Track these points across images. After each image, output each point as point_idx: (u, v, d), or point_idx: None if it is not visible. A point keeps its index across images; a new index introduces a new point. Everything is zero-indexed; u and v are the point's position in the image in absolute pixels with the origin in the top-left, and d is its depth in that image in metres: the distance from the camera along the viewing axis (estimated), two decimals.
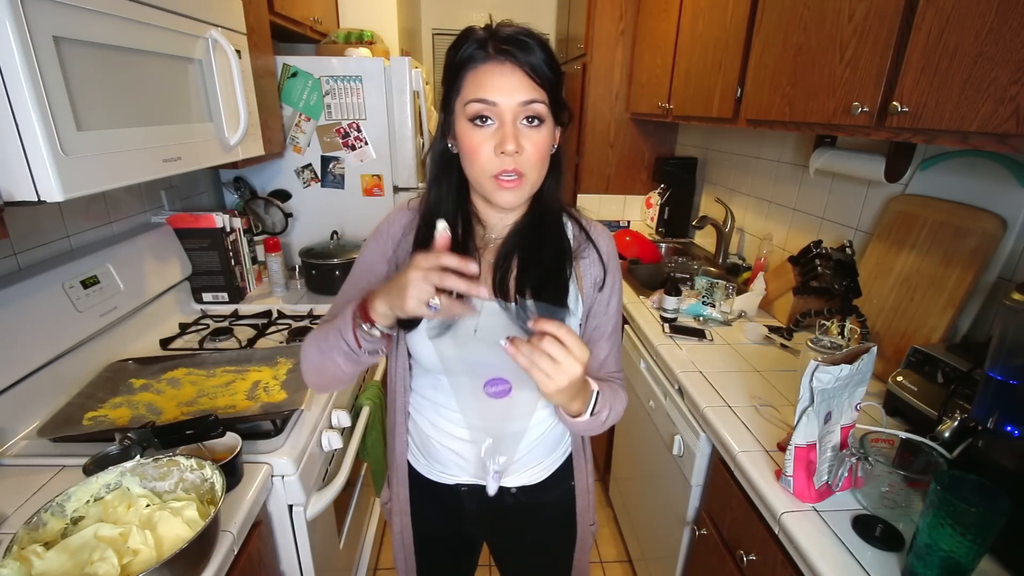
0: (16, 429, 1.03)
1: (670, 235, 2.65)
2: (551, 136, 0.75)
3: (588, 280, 0.84)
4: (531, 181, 0.75)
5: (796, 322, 1.50)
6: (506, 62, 0.70)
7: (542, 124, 0.73)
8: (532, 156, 0.73)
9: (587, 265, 0.84)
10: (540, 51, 0.71)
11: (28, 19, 0.71)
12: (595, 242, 0.86)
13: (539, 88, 0.71)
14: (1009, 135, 0.79)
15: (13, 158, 0.74)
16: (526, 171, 0.73)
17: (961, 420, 0.89)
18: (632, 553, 1.85)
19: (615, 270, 0.87)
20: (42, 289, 1.11)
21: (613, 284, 0.87)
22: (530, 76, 0.70)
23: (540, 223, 0.82)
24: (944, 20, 0.89)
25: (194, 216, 1.65)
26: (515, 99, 0.70)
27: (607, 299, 0.86)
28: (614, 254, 0.88)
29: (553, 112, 0.74)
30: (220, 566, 0.78)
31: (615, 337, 0.90)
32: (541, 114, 0.72)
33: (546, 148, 0.75)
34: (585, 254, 0.85)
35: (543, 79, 0.71)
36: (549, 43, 0.74)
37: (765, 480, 0.95)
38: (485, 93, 0.70)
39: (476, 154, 0.72)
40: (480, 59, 0.71)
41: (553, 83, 0.72)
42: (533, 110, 0.71)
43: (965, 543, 0.68)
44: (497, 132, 0.71)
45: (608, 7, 2.60)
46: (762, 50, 1.44)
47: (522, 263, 0.80)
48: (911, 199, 1.34)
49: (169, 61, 1.06)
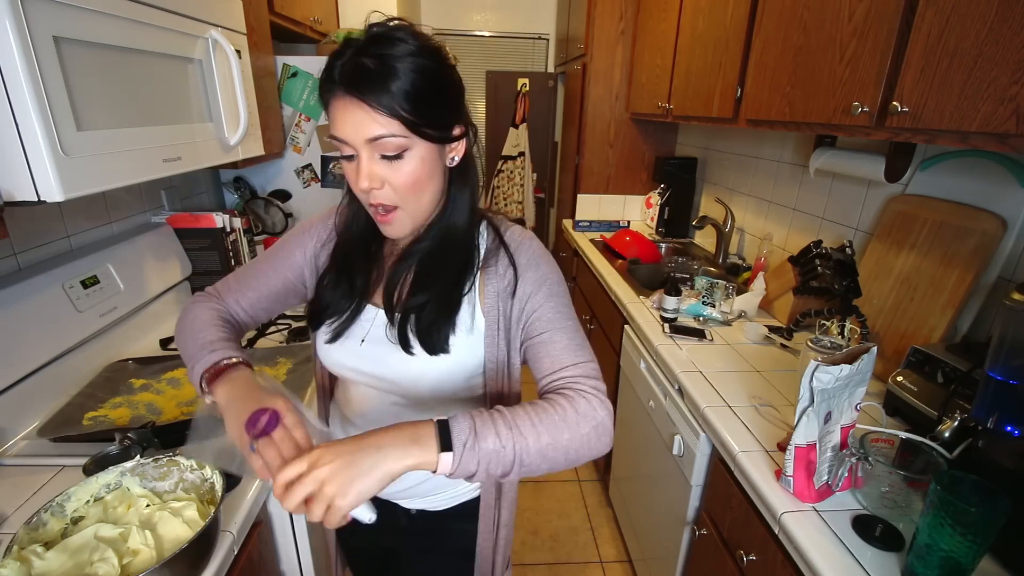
0: (16, 429, 1.03)
1: (670, 235, 2.65)
2: (424, 161, 0.69)
3: (491, 289, 0.77)
4: (408, 211, 0.72)
5: (796, 322, 1.50)
6: (349, 97, 0.64)
7: (404, 154, 0.67)
8: (399, 188, 0.69)
9: (492, 275, 0.77)
10: (401, 78, 0.63)
11: (28, 19, 0.71)
12: (508, 248, 0.79)
13: (391, 120, 0.64)
14: (1009, 135, 0.79)
15: (13, 158, 0.74)
16: (396, 203, 0.70)
17: (961, 420, 0.89)
18: (632, 553, 1.85)
19: (538, 265, 0.78)
20: (42, 289, 1.11)
21: (537, 279, 0.77)
22: (377, 111, 0.64)
23: (443, 236, 0.78)
24: (944, 20, 0.89)
25: (194, 216, 1.65)
26: (360, 136, 0.65)
27: (526, 297, 0.76)
28: (536, 253, 0.79)
29: (426, 135, 0.67)
30: (220, 566, 0.78)
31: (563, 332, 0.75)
32: (395, 147, 0.66)
33: (417, 176, 0.69)
34: (493, 263, 0.78)
35: (394, 113, 0.64)
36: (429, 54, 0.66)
37: (765, 480, 0.95)
38: (336, 130, 0.67)
39: (351, 186, 0.71)
40: (332, 90, 0.66)
41: (414, 111, 0.64)
42: (383, 145, 0.66)
43: (965, 543, 0.68)
44: (357, 166, 0.68)
45: (608, 7, 2.60)
46: (762, 50, 1.44)
47: (416, 276, 0.78)
48: (911, 199, 1.34)
49: (169, 61, 1.06)
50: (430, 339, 0.74)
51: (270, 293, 0.87)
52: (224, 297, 0.87)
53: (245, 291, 0.87)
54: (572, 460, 0.65)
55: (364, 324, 0.80)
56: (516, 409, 0.64)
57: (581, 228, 2.81)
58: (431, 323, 0.74)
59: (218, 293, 0.88)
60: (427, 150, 0.69)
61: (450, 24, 3.89)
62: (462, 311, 0.77)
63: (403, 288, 0.78)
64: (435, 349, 0.74)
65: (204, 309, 0.83)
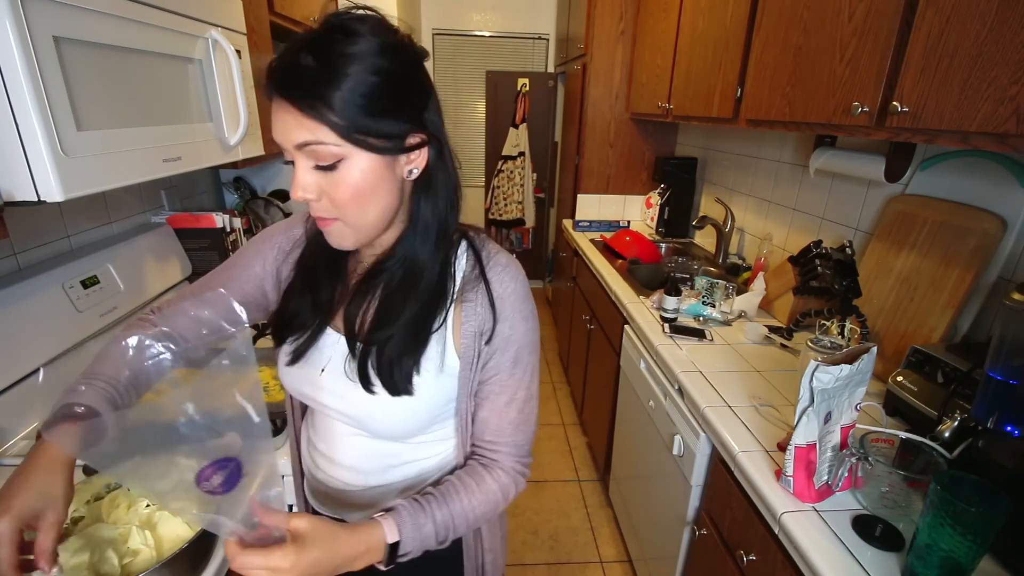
0: (16, 429, 1.03)
1: (670, 235, 2.65)
2: (366, 172, 0.61)
3: (468, 328, 0.70)
4: (350, 224, 0.64)
5: (796, 322, 1.50)
6: (281, 98, 0.59)
7: (339, 163, 0.59)
8: (336, 200, 0.61)
9: (471, 310, 0.70)
10: (329, 79, 0.56)
11: (28, 19, 0.71)
12: (488, 281, 0.70)
13: (318, 125, 0.57)
14: (1009, 135, 0.79)
15: (13, 158, 0.74)
16: (335, 215, 0.63)
17: (961, 420, 0.89)
18: (632, 553, 1.85)
19: (514, 316, 0.71)
20: (42, 289, 1.11)
21: (510, 335, 0.71)
22: (304, 114, 0.57)
23: (411, 258, 0.69)
24: (944, 20, 0.89)
25: (194, 216, 1.65)
26: (290, 141, 0.59)
27: (501, 348, 0.71)
28: (516, 296, 0.71)
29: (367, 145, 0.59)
30: (220, 566, 0.78)
31: (515, 402, 0.73)
32: (327, 155, 0.59)
33: (358, 187, 0.61)
34: (471, 296, 0.70)
35: (323, 117, 0.57)
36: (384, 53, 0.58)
37: (765, 480, 0.95)
38: (273, 131, 0.61)
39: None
40: (270, 92, 0.60)
41: (352, 116, 0.57)
42: (312, 152, 0.59)
43: (965, 543, 0.68)
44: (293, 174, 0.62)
45: (608, 7, 2.60)
46: (762, 50, 1.44)
47: (380, 306, 0.70)
48: (911, 199, 1.34)
49: (169, 61, 1.06)
50: (391, 379, 0.68)
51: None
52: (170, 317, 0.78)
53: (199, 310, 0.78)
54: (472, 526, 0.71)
55: (325, 351, 0.74)
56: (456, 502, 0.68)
57: (581, 228, 2.81)
58: (393, 362, 0.67)
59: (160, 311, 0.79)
60: (369, 161, 0.61)
61: (450, 24, 3.89)
62: (430, 348, 0.70)
63: (366, 315, 0.71)
64: (397, 390, 0.68)
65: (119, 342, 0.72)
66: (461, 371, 0.71)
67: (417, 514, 0.64)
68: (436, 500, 0.67)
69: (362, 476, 0.78)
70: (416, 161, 0.66)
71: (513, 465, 0.74)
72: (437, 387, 0.71)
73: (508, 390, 0.73)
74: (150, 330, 0.75)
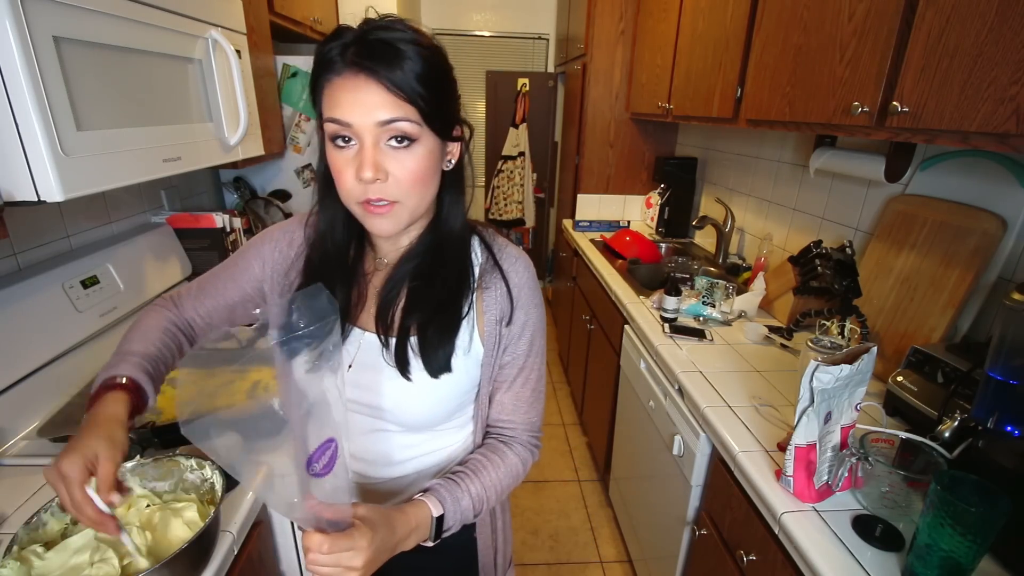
0: (16, 429, 1.03)
1: (670, 235, 2.65)
2: (431, 155, 0.65)
3: (491, 315, 0.74)
4: (408, 207, 0.67)
5: (796, 322, 1.50)
6: (361, 75, 0.60)
7: (413, 144, 0.63)
8: (403, 181, 0.64)
9: (491, 298, 0.74)
10: (413, 60, 0.60)
11: (28, 19, 0.71)
12: (504, 272, 0.75)
13: (405, 104, 0.61)
14: (1009, 135, 0.79)
15: (13, 158, 0.74)
16: (398, 198, 0.65)
17: (961, 420, 0.89)
18: (632, 553, 1.85)
19: (528, 304, 0.76)
20: (42, 289, 1.11)
21: (526, 320, 0.76)
22: (392, 92, 0.60)
23: (437, 249, 0.73)
24: (944, 20, 0.89)
25: (194, 216, 1.65)
26: (372, 119, 0.61)
27: (518, 335, 0.76)
28: (528, 285, 0.77)
29: (435, 127, 0.65)
30: (220, 566, 0.78)
31: (529, 382, 0.79)
32: (408, 132, 0.62)
33: (424, 170, 0.65)
34: (490, 284, 0.74)
35: (411, 94, 0.61)
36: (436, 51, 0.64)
37: (765, 480, 0.95)
38: (339, 112, 0.61)
39: (340, 178, 0.65)
40: (336, 70, 0.61)
41: (428, 98, 0.62)
42: (397, 129, 0.62)
43: (965, 543, 0.68)
44: (358, 155, 0.62)
45: (608, 7, 2.60)
46: (762, 50, 1.44)
47: (411, 295, 0.72)
48: (911, 199, 1.34)
49: (169, 61, 1.06)
50: (435, 359, 0.70)
51: (227, 304, 0.83)
52: (182, 304, 0.84)
53: (204, 299, 0.83)
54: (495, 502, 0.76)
55: (350, 349, 0.75)
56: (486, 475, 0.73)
57: (581, 228, 2.82)
58: (434, 343, 0.70)
59: (176, 299, 0.84)
60: (434, 144, 0.65)
61: (450, 24, 3.89)
62: (461, 332, 0.73)
63: (396, 308, 0.73)
64: (439, 370, 0.71)
65: (153, 317, 0.81)
66: (484, 356, 0.75)
67: (454, 490, 0.69)
68: (468, 476, 0.71)
69: (381, 468, 0.80)
70: (454, 153, 0.71)
71: (528, 439, 0.80)
72: (464, 372, 0.74)
73: (524, 372, 0.78)
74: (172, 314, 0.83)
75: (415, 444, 0.78)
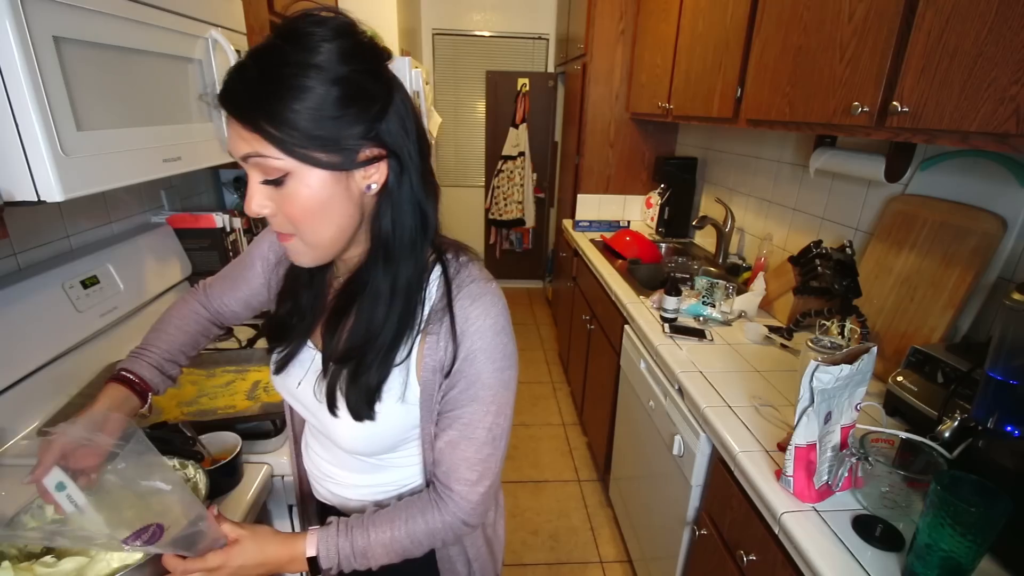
0: (16, 429, 1.03)
1: (670, 235, 2.65)
2: (317, 188, 0.58)
3: (430, 361, 0.67)
4: (308, 241, 0.62)
5: (796, 322, 1.50)
6: (225, 111, 0.57)
7: (286, 178, 0.57)
8: (288, 216, 0.59)
9: (433, 344, 0.66)
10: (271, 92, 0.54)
11: (28, 19, 0.71)
12: (453, 311, 0.66)
13: (255, 136, 0.55)
14: (1009, 135, 0.79)
15: (13, 158, 0.74)
16: (290, 231, 0.61)
17: (961, 420, 0.89)
18: (632, 553, 1.85)
19: (472, 350, 0.66)
20: (42, 289, 1.11)
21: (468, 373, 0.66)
22: (245, 127, 0.55)
23: (377, 280, 0.65)
24: (944, 20, 0.89)
25: (194, 216, 1.65)
26: (237, 153, 0.57)
27: (457, 386, 0.68)
28: (477, 332, 0.66)
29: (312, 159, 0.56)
30: None
31: (473, 442, 0.69)
32: (272, 168, 0.56)
33: (308, 205, 0.58)
34: (435, 330, 0.66)
35: (256, 128, 0.54)
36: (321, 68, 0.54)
37: (765, 480, 0.95)
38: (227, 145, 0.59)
39: None
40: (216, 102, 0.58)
41: (294, 130, 0.54)
42: (257, 164, 0.57)
43: (965, 543, 0.68)
44: None
45: (608, 7, 2.60)
46: (762, 50, 1.44)
47: (354, 326, 0.68)
48: (911, 199, 1.34)
49: (169, 61, 1.06)
50: (359, 408, 0.67)
51: (242, 297, 0.90)
52: (211, 292, 0.92)
53: (226, 290, 0.91)
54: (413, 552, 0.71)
55: (303, 363, 0.75)
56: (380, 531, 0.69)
57: (581, 228, 2.82)
58: (357, 387, 0.67)
59: (207, 287, 0.92)
60: (318, 176, 0.57)
61: (450, 24, 3.89)
62: (392, 377, 0.68)
63: (342, 333, 0.69)
64: (359, 416, 0.68)
65: (184, 306, 0.91)
66: (423, 400, 0.69)
67: (340, 535, 0.68)
68: (360, 527, 0.69)
69: (346, 473, 0.81)
70: (374, 176, 0.61)
71: (455, 512, 0.70)
72: (400, 414, 0.70)
73: (465, 427, 0.68)
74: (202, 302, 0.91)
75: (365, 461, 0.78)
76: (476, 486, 0.69)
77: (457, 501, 0.70)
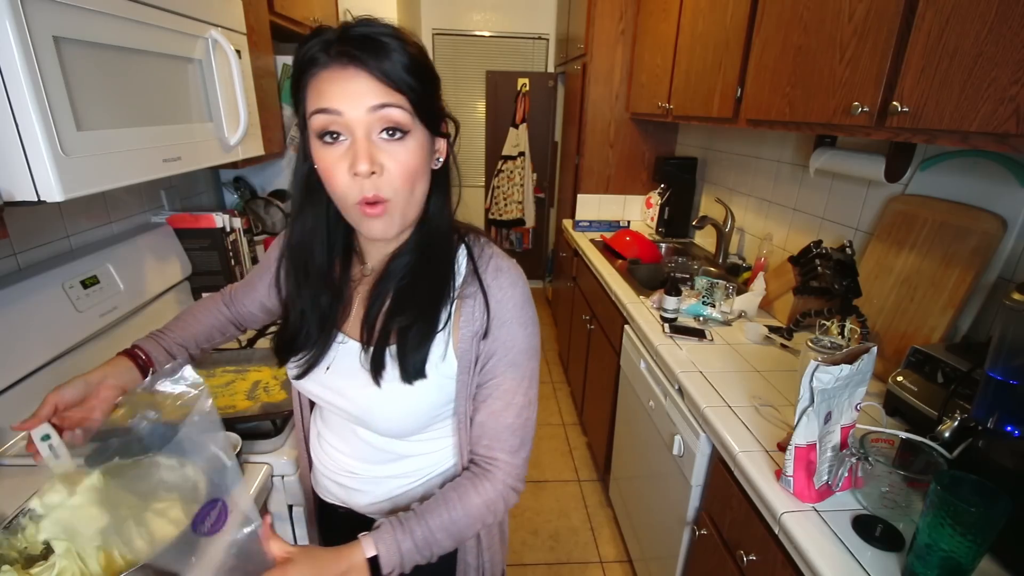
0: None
1: (670, 235, 2.65)
2: (422, 149, 0.64)
3: (467, 330, 0.70)
4: (399, 206, 0.64)
5: (796, 322, 1.50)
6: (349, 66, 0.59)
7: (406, 136, 0.62)
8: (396, 176, 0.62)
9: (469, 309, 0.70)
10: (399, 54, 0.60)
11: (28, 19, 0.71)
12: (484, 284, 0.70)
13: (395, 92, 0.60)
14: (1009, 135, 0.79)
15: (13, 158, 0.74)
16: (389, 196, 0.63)
17: (961, 420, 0.89)
18: (632, 553, 1.85)
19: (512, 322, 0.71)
20: (42, 289, 1.11)
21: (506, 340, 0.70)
22: (381, 79, 0.59)
23: (424, 249, 0.70)
24: (944, 20, 0.89)
25: (194, 216, 1.65)
26: (363, 105, 0.59)
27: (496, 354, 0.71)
28: (513, 301, 0.71)
29: (425, 120, 0.63)
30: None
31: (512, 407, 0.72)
32: (401, 122, 0.61)
33: (416, 165, 0.63)
34: (469, 294, 0.70)
35: (399, 83, 0.60)
36: (417, 45, 0.63)
37: (765, 480, 0.95)
38: (327, 101, 0.60)
39: (331, 177, 0.63)
40: (321, 63, 0.60)
41: (417, 88, 0.61)
42: (388, 116, 0.60)
43: (965, 543, 0.68)
44: (350, 149, 0.61)
45: (608, 7, 2.60)
46: (762, 50, 1.44)
47: (396, 296, 0.70)
48: (911, 199, 1.34)
49: (169, 61, 1.06)
50: (411, 363, 0.68)
51: (258, 299, 0.94)
52: (235, 295, 0.97)
53: (246, 293, 0.96)
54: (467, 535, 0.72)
55: (329, 351, 0.76)
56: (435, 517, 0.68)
57: (581, 228, 2.82)
58: (415, 345, 0.68)
59: (233, 290, 0.98)
60: (424, 138, 0.64)
61: (450, 24, 3.89)
62: (436, 341, 0.70)
63: (380, 312, 0.71)
64: (414, 374, 0.69)
65: (208, 302, 0.97)
66: (459, 373, 0.71)
67: (396, 530, 0.66)
68: (415, 517, 0.68)
69: (366, 466, 0.80)
70: (441, 151, 0.69)
71: (504, 479, 0.73)
72: (436, 387, 0.71)
73: (506, 394, 0.72)
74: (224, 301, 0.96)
75: (389, 449, 0.77)
76: (520, 451, 0.73)
77: (504, 468, 0.72)
